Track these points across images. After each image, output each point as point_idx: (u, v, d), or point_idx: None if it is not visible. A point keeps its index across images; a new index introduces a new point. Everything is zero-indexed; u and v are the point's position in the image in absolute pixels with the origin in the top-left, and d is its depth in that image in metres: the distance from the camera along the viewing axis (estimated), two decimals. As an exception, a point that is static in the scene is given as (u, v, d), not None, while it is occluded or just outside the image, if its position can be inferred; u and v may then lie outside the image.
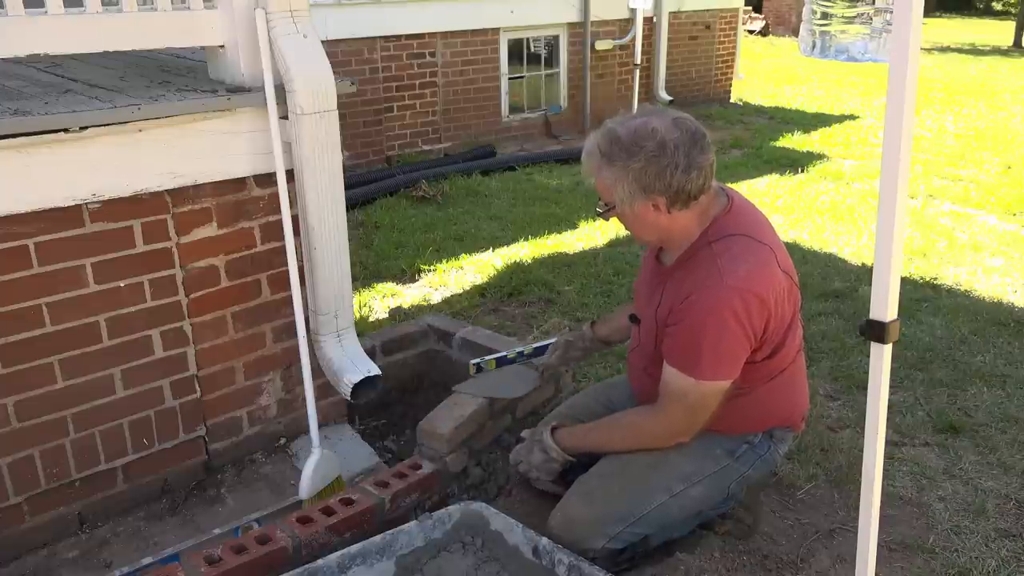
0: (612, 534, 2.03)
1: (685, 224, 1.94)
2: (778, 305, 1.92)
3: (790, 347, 2.04)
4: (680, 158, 1.82)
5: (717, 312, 1.85)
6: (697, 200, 1.90)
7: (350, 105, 6.48)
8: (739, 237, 1.91)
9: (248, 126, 2.35)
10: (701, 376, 1.89)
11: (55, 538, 2.31)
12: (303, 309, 2.47)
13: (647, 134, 1.84)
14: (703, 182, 1.87)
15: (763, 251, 1.91)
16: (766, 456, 2.13)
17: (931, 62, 14.29)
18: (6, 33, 2.03)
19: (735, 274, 1.86)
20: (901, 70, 1.33)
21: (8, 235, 2.06)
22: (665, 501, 2.06)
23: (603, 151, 1.88)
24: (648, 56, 8.83)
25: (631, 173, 1.84)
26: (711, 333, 1.86)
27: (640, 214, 1.91)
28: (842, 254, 4.73)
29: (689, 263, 1.95)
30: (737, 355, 1.90)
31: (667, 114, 1.89)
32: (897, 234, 1.41)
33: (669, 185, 1.84)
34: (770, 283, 1.89)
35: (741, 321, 1.85)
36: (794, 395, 2.14)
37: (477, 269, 4.51)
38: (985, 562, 2.21)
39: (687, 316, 1.90)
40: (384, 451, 2.85)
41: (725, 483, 2.12)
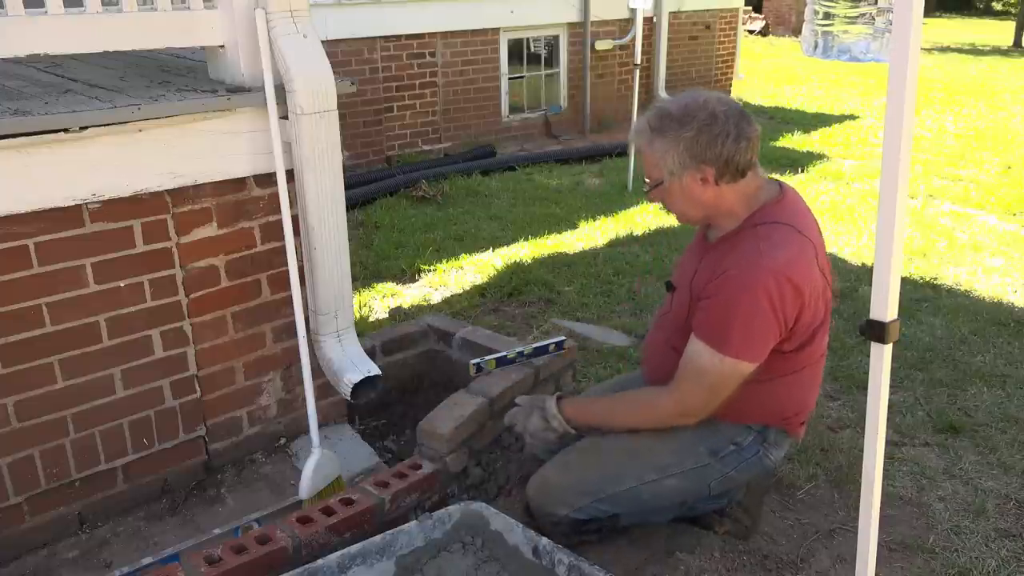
0: (577, 505, 2.11)
1: (732, 202, 1.98)
2: (812, 299, 1.94)
3: (817, 346, 2.05)
4: (731, 127, 1.89)
5: (752, 290, 1.87)
6: (744, 177, 1.95)
7: (350, 105, 6.48)
8: (784, 226, 1.95)
9: (248, 126, 2.35)
10: (728, 352, 1.90)
11: (55, 538, 2.31)
12: (303, 309, 2.47)
13: (698, 106, 1.91)
14: (750, 155, 1.93)
15: (805, 244, 1.95)
16: (752, 459, 2.12)
17: (931, 62, 14.29)
18: (6, 33, 2.03)
19: (774, 258, 1.88)
20: (901, 70, 1.33)
21: (8, 235, 2.06)
22: (636, 487, 2.09)
23: (653, 126, 1.94)
24: (648, 56, 8.83)
25: (683, 142, 1.90)
26: (744, 310, 1.88)
27: (688, 187, 1.95)
28: (842, 254, 4.73)
29: (732, 240, 1.98)
30: (766, 337, 1.91)
31: (713, 92, 1.97)
32: (897, 234, 1.41)
33: (720, 154, 1.89)
34: (807, 275, 1.92)
35: (774, 304, 1.87)
36: (803, 396, 2.14)
37: (477, 269, 4.51)
38: (985, 562, 2.21)
39: (722, 290, 1.91)
40: (384, 451, 2.85)
41: (704, 480, 2.12)
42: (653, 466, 2.09)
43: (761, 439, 2.12)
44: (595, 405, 2.18)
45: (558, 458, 2.18)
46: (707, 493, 2.16)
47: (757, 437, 2.11)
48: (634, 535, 2.24)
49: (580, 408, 2.17)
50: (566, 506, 2.12)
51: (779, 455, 2.18)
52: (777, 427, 2.13)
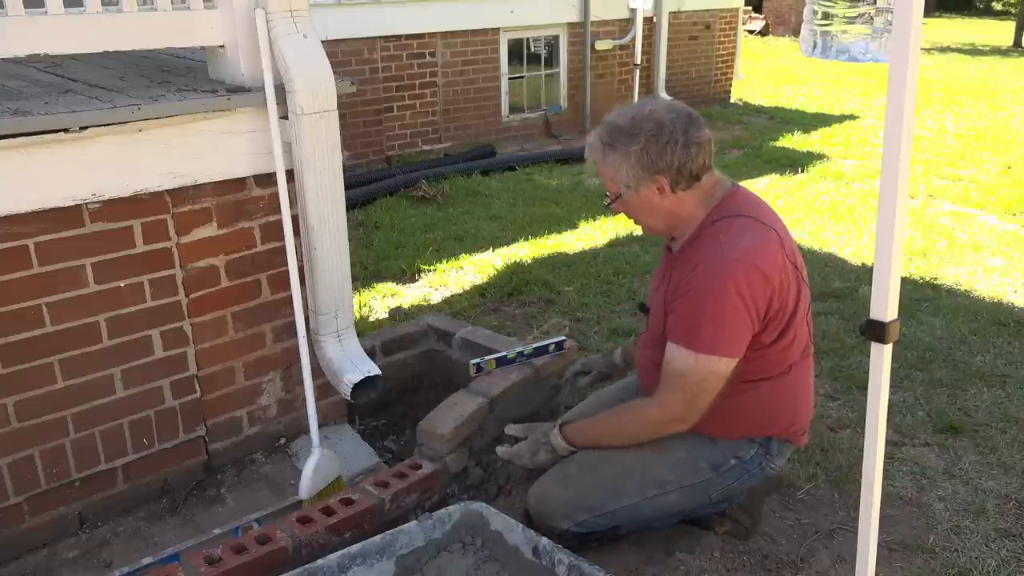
0: (578, 520, 2.10)
1: (690, 207, 1.98)
2: (782, 286, 1.93)
3: (798, 338, 2.03)
4: (679, 135, 1.89)
5: (719, 284, 1.87)
6: (700, 181, 1.95)
7: (350, 105, 6.48)
8: (742, 217, 1.95)
9: (248, 126, 2.35)
10: (701, 348, 1.89)
11: (55, 538, 2.31)
12: (303, 309, 2.47)
13: (644, 117, 1.92)
14: (703, 160, 1.93)
15: (768, 232, 1.95)
16: (755, 471, 2.12)
17: (931, 62, 14.29)
18: (6, 33, 2.03)
19: (736, 247, 1.89)
20: (901, 70, 1.33)
21: (8, 235, 2.06)
22: (637, 502, 2.09)
23: (604, 141, 1.96)
24: (648, 56, 8.83)
25: (633, 155, 1.91)
26: (712, 304, 1.88)
27: (646, 198, 1.96)
28: (842, 254, 4.73)
29: (694, 243, 1.98)
30: (739, 328, 1.90)
31: (661, 100, 1.99)
32: (897, 234, 1.41)
33: (671, 163, 1.90)
34: (772, 260, 1.91)
35: (743, 294, 1.86)
36: (797, 403, 2.13)
37: (477, 269, 4.51)
38: (985, 562, 2.21)
39: (689, 289, 1.92)
40: (384, 451, 2.85)
41: (706, 493, 2.12)
42: (654, 482, 2.08)
43: (764, 451, 2.11)
44: (593, 427, 2.16)
45: (557, 470, 2.16)
46: (708, 503, 2.16)
47: (760, 450, 2.11)
48: (634, 535, 2.24)
49: (582, 432, 2.16)
50: (567, 520, 2.11)
51: (781, 463, 2.19)
52: (780, 438, 2.12)
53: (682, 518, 2.23)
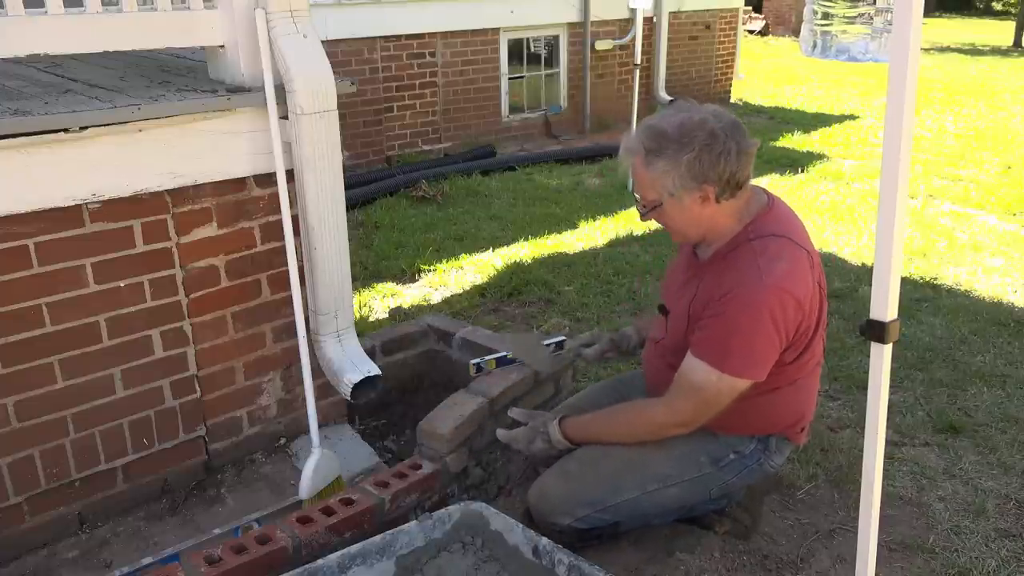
0: (578, 516, 2.11)
1: (728, 217, 1.97)
2: (811, 310, 1.94)
3: (814, 353, 2.04)
4: (732, 144, 1.87)
5: (755, 309, 1.86)
6: (743, 189, 1.94)
7: (350, 105, 6.48)
8: (779, 238, 1.93)
9: (248, 126, 2.35)
10: (727, 370, 1.89)
11: (55, 538, 2.31)
12: (303, 309, 2.47)
13: (696, 125, 1.87)
14: (749, 170, 1.93)
15: (801, 255, 1.93)
16: (753, 466, 2.13)
17: (931, 62, 14.29)
18: (6, 33, 2.03)
19: (773, 274, 1.87)
20: (901, 70, 1.33)
21: (8, 235, 2.06)
22: (637, 497, 2.10)
23: (649, 147, 1.90)
24: (648, 56, 8.83)
25: (684, 164, 1.87)
26: (746, 329, 1.87)
27: (688, 207, 1.93)
28: (842, 254, 4.73)
29: (728, 258, 1.95)
30: (767, 355, 1.91)
31: (705, 108, 1.93)
32: (897, 234, 1.41)
33: (723, 172, 1.87)
34: (805, 286, 1.91)
35: (776, 321, 1.86)
36: (802, 404, 2.13)
37: (477, 269, 4.51)
38: (985, 562, 2.21)
39: (725, 310, 1.90)
40: (384, 451, 2.85)
41: (705, 488, 2.13)
42: (654, 476, 2.09)
43: (763, 447, 2.12)
44: (593, 423, 2.15)
45: (557, 467, 2.17)
46: (708, 498, 2.17)
47: (759, 446, 2.11)
48: (634, 535, 2.24)
49: (580, 427, 2.16)
50: (567, 516, 2.11)
51: (780, 460, 2.19)
52: (779, 435, 2.13)
53: (682, 515, 2.24)
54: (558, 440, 2.15)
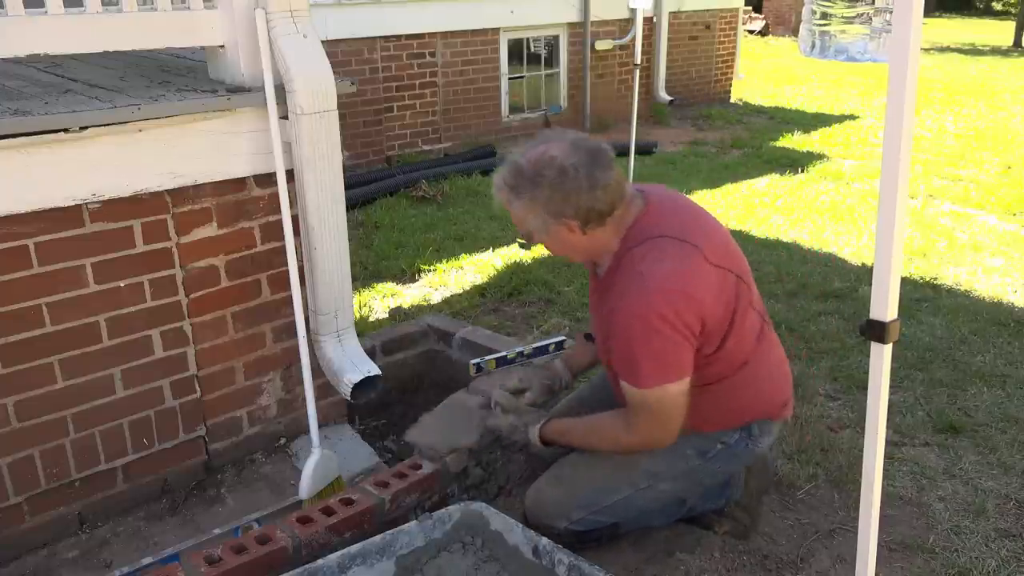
0: (574, 518, 2.11)
1: (605, 239, 1.96)
2: (715, 298, 1.89)
3: (743, 337, 1.99)
4: (582, 180, 1.84)
5: (643, 318, 1.84)
6: (612, 216, 1.91)
7: (350, 105, 6.48)
8: (659, 239, 1.90)
9: (248, 126, 2.35)
10: (646, 384, 1.88)
11: (55, 538, 2.31)
12: (303, 309, 2.47)
13: (546, 162, 1.86)
14: (612, 198, 1.89)
15: (686, 249, 1.89)
16: (741, 452, 2.12)
17: (931, 62, 14.29)
18: (6, 33, 2.03)
19: (656, 276, 1.85)
20: (901, 70, 1.33)
21: (8, 235, 2.06)
22: (630, 495, 2.10)
23: (509, 184, 1.91)
24: (648, 56, 8.83)
25: (539, 203, 1.87)
26: (641, 340, 1.85)
27: (559, 237, 1.94)
28: (842, 254, 4.73)
29: (616, 273, 1.95)
30: (678, 356, 1.88)
31: (565, 137, 1.91)
32: (897, 234, 1.41)
33: (578, 208, 1.86)
34: (696, 278, 1.88)
35: (671, 322, 1.83)
36: (766, 385, 2.10)
37: (477, 269, 4.51)
38: (985, 562, 2.21)
39: (617, 327, 1.90)
40: (384, 451, 2.85)
41: (696, 480, 2.13)
42: (644, 474, 2.09)
43: (747, 434, 2.11)
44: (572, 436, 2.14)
45: (552, 471, 2.18)
46: (702, 490, 2.17)
47: (743, 434, 2.10)
48: (634, 536, 2.24)
49: (559, 436, 2.14)
50: (563, 519, 2.12)
51: (769, 441, 2.17)
52: (760, 420, 2.11)
53: (682, 515, 2.24)
54: (537, 447, 2.16)
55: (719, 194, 6.02)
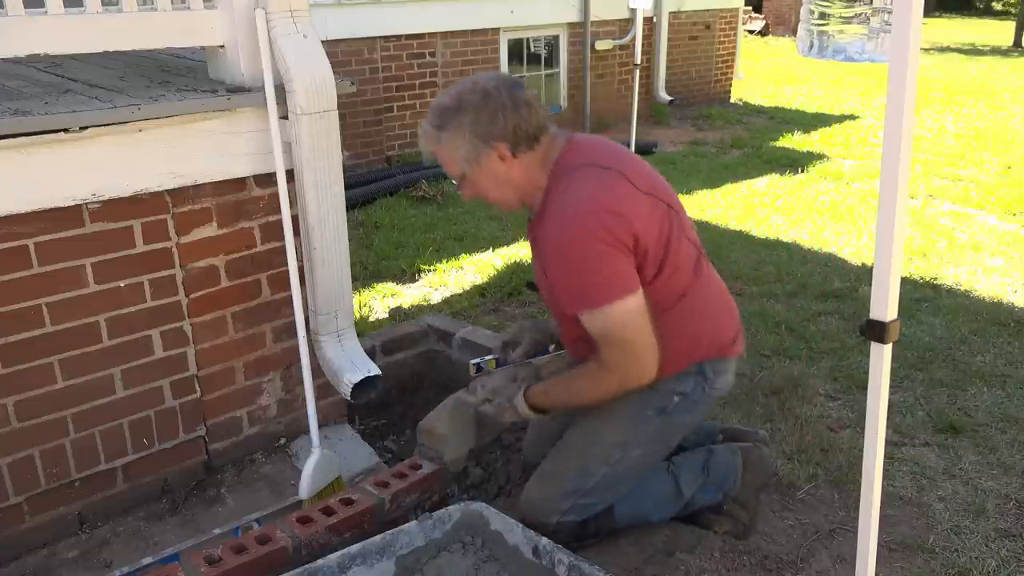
0: (564, 508, 2.12)
1: (535, 171, 1.97)
2: (642, 219, 1.90)
3: (679, 267, 1.99)
4: (505, 98, 1.89)
5: (574, 239, 1.85)
6: (539, 141, 1.95)
7: (350, 105, 6.48)
8: (582, 167, 1.94)
9: (248, 126, 2.35)
10: (598, 303, 1.86)
11: (55, 538, 2.31)
12: (303, 309, 2.47)
13: (468, 89, 1.92)
14: (536, 120, 1.93)
15: (611, 174, 1.93)
16: (701, 399, 2.10)
17: (931, 62, 14.29)
18: (6, 33, 2.03)
19: (579, 199, 1.88)
20: (901, 70, 1.33)
21: (8, 235, 2.06)
22: (606, 472, 2.11)
23: (434, 124, 1.95)
24: (648, 56, 8.83)
25: (467, 128, 1.90)
26: (578, 261, 1.86)
27: (490, 169, 1.95)
28: (842, 254, 4.73)
29: (545, 210, 1.96)
30: (619, 269, 1.87)
31: (482, 73, 1.98)
32: (897, 234, 1.41)
33: (506, 127, 1.90)
34: (621, 197, 1.89)
35: (602, 238, 1.84)
36: (710, 318, 2.09)
37: (477, 269, 4.51)
38: (985, 562, 2.21)
39: (553, 257, 1.91)
40: (384, 451, 2.85)
41: (665, 438, 2.13)
42: (612, 445, 2.10)
43: (701, 378, 2.08)
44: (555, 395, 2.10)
45: (536, 472, 2.21)
46: (674, 445, 2.17)
47: (697, 378, 2.08)
48: (634, 535, 2.24)
49: (544, 397, 2.11)
50: (554, 512, 2.12)
51: (726, 381, 2.14)
52: (710, 359, 2.08)
53: (678, 509, 2.24)
54: (527, 414, 2.12)
55: (719, 194, 6.02)
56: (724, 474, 2.27)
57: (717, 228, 5.26)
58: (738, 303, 2.04)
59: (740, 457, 2.30)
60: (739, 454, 2.31)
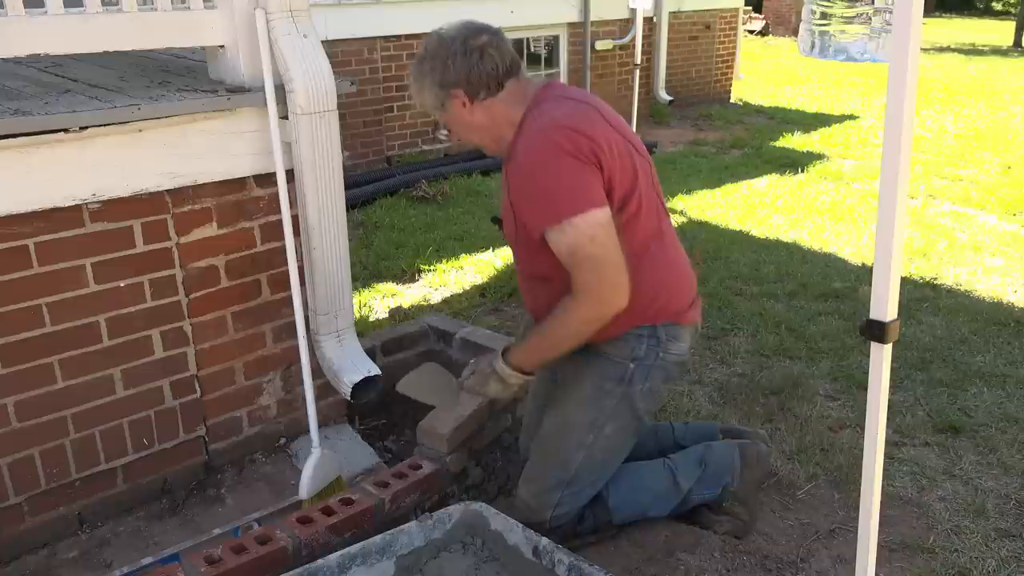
0: (554, 502, 2.13)
1: (504, 113, 1.99)
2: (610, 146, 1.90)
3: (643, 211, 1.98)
4: (457, 46, 1.94)
5: (543, 154, 1.87)
6: (502, 86, 1.97)
7: (350, 105, 6.48)
8: (554, 99, 1.98)
9: (248, 126, 2.35)
10: (565, 214, 1.84)
11: (55, 538, 2.31)
12: (303, 309, 2.47)
13: (433, 39, 2.00)
14: (491, 65, 1.95)
15: (581, 105, 1.96)
16: (658, 363, 2.08)
17: (931, 62, 14.29)
18: (6, 33, 2.03)
19: (550, 119, 1.90)
20: (901, 70, 1.33)
21: (8, 235, 2.06)
22: (584, 457, 2.12)
23: (413, 75, 2.04)
24: (648, 56, 8.83)
25: (427, 78, 1.98)
26: (549, 175, 1.86)
27: (456, 115, 2.01)
28: (842, 254, 4.73)
29: (516, 142, 1.97)
30: (588, 182, 1.86)
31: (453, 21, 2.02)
32: (897, 234, 1.41)
33: (457, 75, 1.95)
34: (590, 122, 1.91)
35: (571, 152, 1.84)
36: (669, 278, 2.08)
37: (477, 269, 4.51)
38: (985, 562, 2.21)
39: (521, 179, 1.93)
40: (384, 451, 2.85)
41: (632, 409, 2.11)
42: (581, 427, 2.10)
43: (654, 341, 2.06)
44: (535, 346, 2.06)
45: (522, 475, 2.23)
46: (644, 418, 2.14)
47: (649, 341, 2.06)
48: (634, 535, 2.24)
49: (524, 354, 2.08)
50: (547, 508, 2.13)
51: (682, 347, 2.12)
52: (662, 322, 2.06)
53: (676, 502, 2.24)
54: (508, 374, 2.08)
55: (719, 194, 6.03)
56: (722, 468, 2.27)
57: (717, 228, 5.26)
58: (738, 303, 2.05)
59: (738, 452, 2.30)
60: (737, 449, 2.31)
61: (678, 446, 2.37)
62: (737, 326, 3.72)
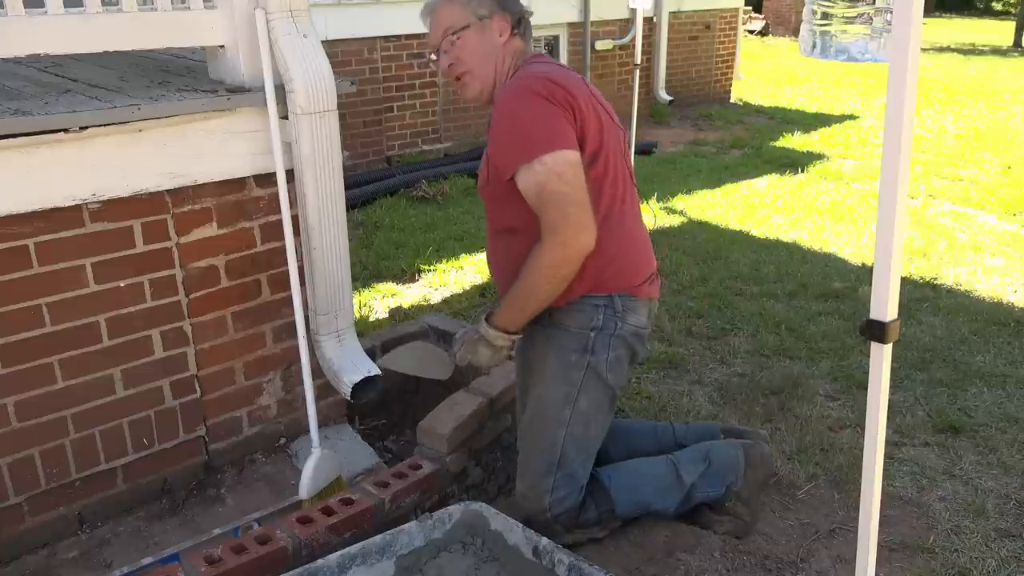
0: (549, 487, 2.14)
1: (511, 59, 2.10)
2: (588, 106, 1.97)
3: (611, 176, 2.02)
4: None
5: (522, 98, 1.94)
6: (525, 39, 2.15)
7: (350, 105, 6.48)
8: (543, 62, 2.08)
9: (248, 126, 2.35)
10: (537, 152, 1.88)
11: (55, 538, 2.31)
12: (303, 309, 2.47)
13: None
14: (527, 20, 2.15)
15: (565, 68, 2.07)
16: (617, 332, 2.08)
17: (931, 62, 14.29)
18: (6, 33, 2.03)
19: (531, 73, 1.99)
20: (901, 70, 1.33)
21: (8, 235, 2.06)
22: (567, 436, 2.13)
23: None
24: (648, 56, 8.83)
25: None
26: (524, 116, 1.92)
27: (489, 37, 2.08)
28: (842, 254, 4.73)
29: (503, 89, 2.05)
30: (561, 124, 1.92)
31: None
32: (897, 234, 1.41)
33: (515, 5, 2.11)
34: (571, 81, 1.97)
35: (545, 95, 1.91)
36: (629, 248, 2.10)
37: (477, 269, 4.51)
38: (985, 562, 2.21)
39: (498, 114, 1.99)
40: (384, 451, 2.85)
41: (600, 378, 2.11)
42: (557, 404, 2.11)
43: (611, 311, 2.07)
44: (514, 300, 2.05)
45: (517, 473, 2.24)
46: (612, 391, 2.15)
47: (606, 311, 2.07)
48: (634, 535, 2.24)
49: (505, 313, 2.07)
50: (543, 495, 2.14)
51: (640, 320, 2.13)
52: (617, 293, 2.07)
53: (680, 497, 2.25)
54: (495, 336, 2.07)
55: (719, 194, 6.03)
56: (727, 466, 2.27)
57: (717, 228, 5.26)
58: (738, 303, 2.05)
59: (742, 452, 2.31)
60: (741, 449, 2.31)
61: (679, 446, 2.38)
62: (737, 326, 3.72)
